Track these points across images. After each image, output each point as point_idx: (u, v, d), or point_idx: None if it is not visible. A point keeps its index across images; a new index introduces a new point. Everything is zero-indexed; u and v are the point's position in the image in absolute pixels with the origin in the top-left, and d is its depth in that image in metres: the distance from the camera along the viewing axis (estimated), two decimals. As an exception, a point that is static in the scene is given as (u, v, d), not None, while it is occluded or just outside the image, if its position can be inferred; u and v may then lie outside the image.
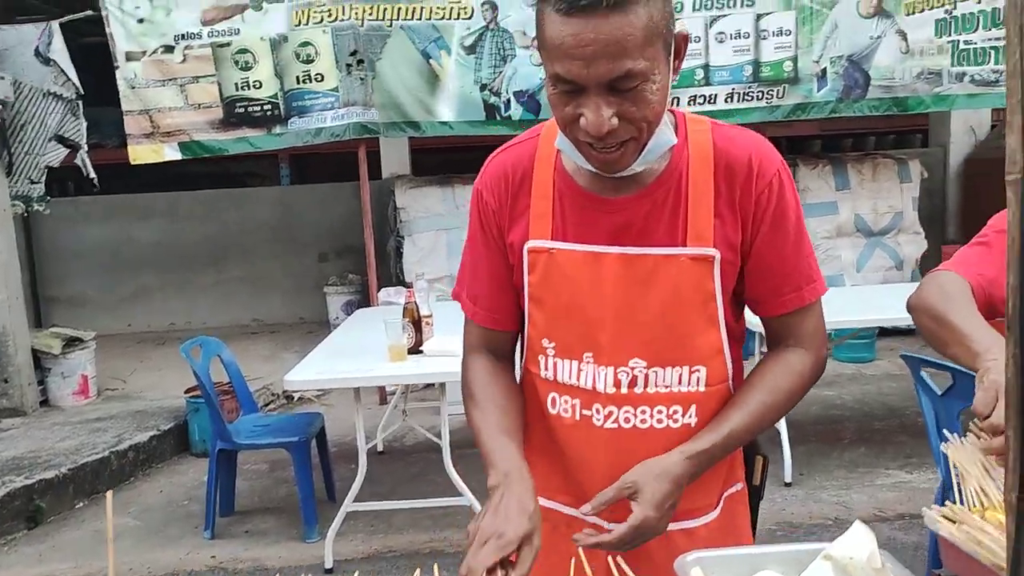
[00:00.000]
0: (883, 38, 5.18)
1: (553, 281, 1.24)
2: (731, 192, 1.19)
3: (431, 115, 5.22)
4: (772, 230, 1.21)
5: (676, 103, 5.27)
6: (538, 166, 1.26)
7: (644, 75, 1.05)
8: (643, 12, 1.03)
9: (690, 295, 1.20)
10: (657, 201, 1.20)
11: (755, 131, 1.27)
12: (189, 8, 5.04)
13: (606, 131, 1.08)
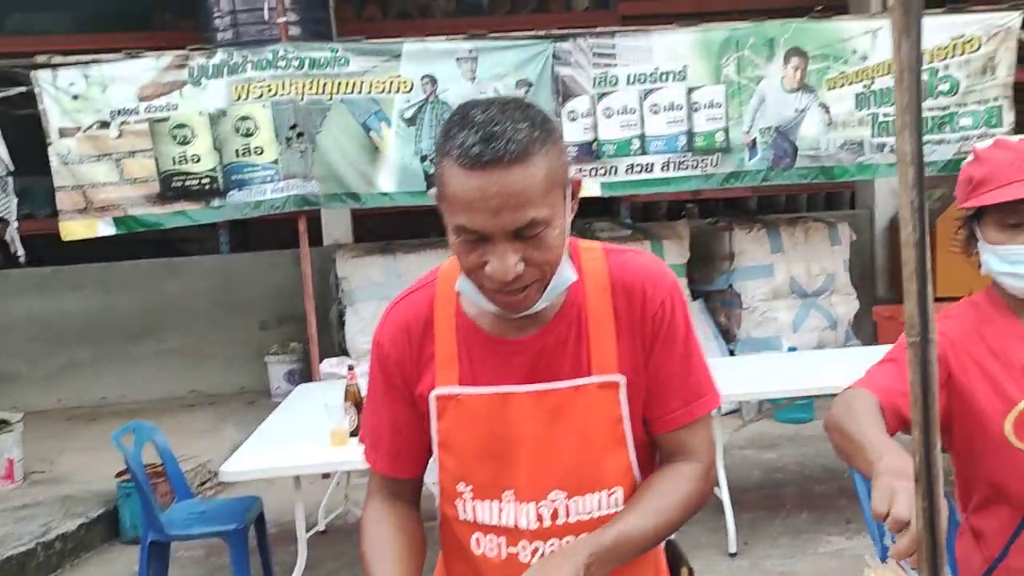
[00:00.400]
0: (807, 111, 5.39)
1: (464, 426, 1.26)
2: (630, 315, 1.24)
3: (371, 186, 5.25)
4: (663, 349, 1.25)
5: (614, 172, 5.39)
6: (438, 312, 1.29)
7: (546, 222, 1.11)
8: (543, 163, 1.09)
9: (600, 422, 1.24)
10: (560, 335, 1.24)
11: (692, 195, 1.35)
12: (126, 84, 5.01)
13: (512, 277, 1.12)
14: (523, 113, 1.12)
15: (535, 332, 1.24)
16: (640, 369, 1.26)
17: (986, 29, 5.39)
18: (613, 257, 1.29)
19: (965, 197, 1.52)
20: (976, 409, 1.52)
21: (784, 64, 5.37)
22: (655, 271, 1.29)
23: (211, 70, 5.05)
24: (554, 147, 1.14)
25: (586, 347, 1.24)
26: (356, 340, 5.75)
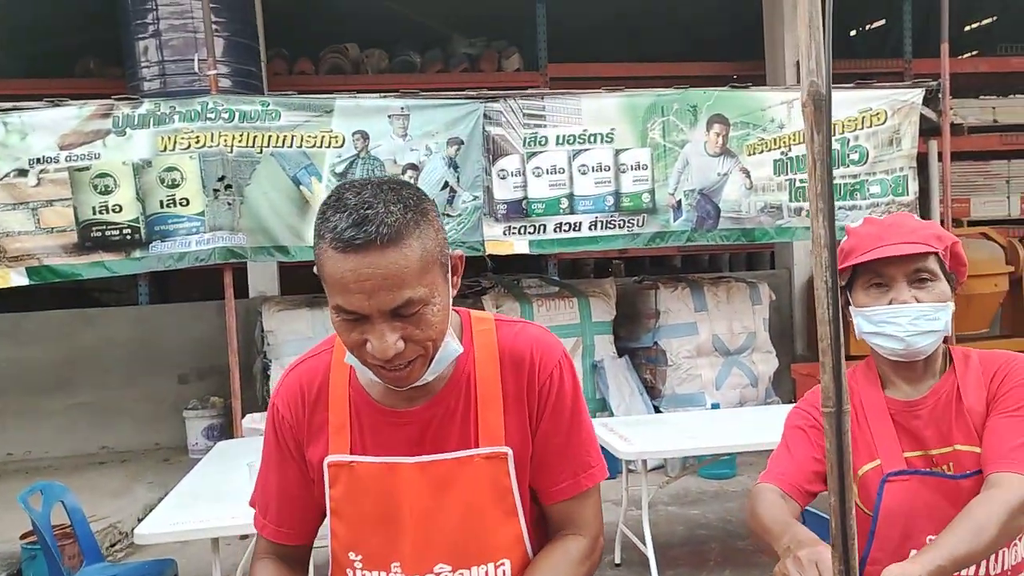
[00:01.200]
0: (729, 175, 5.60)
1: (355, 494, 1.26)
2: (518, 386, 1.27)
3: (300, 239, 5.20)
4: (550, 420, 1.28)
5: (543, 230, 5.48)
6: (333, 379, 1.30)
7: (424, 300, 1.13)
8: (416, 244, 1.12)
9: (487, 493, 1.25)
10: (448, 407, 1.26)
11: (619, 253, 1.39)
12: (46, 133, 4.90)
13: (392, 355, 1.14)
14: (397, 195, 1.14)
15: (424, 403, 1.26)
16: (528, 440, 1.27)
17: (891, 104, 5.72)
18: (504, 329, 1.31)
19: (839, 267, 1.62)
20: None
21: (707, 130, 5.59)
22: (544, 342, 1.31)
23: (137, 120, 4.98)
24: (429, 227, 1.16)
25: (474, 418, 1.26)
26: (280, 395, 5.63)
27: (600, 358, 6.18)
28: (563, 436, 1.29)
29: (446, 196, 5.35)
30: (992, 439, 1.51)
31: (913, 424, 1.57)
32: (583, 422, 1.32)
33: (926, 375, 1.60)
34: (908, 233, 1.55)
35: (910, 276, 1.54)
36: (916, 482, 1.53)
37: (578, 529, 1.31)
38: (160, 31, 6.19)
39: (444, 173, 5.34)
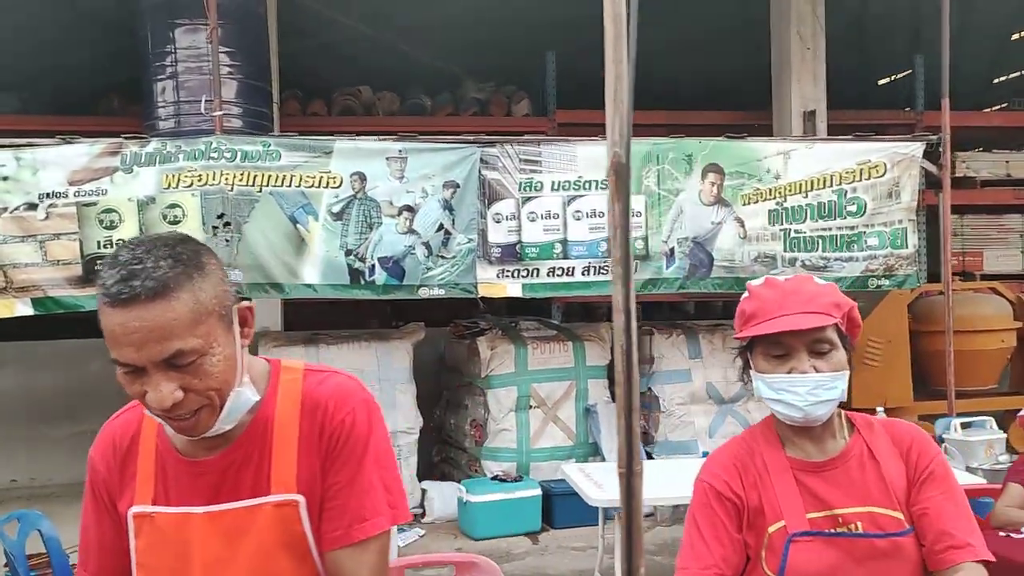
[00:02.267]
0: (723, 224, 5.64)
1: (156, 545, 1.30)
2: (311, 432, 1.29)
3: (296, 277, 5.31)
4: (335, 466, 1.29)
5: (536, 274, 5.54)
6: (144, 432, 1.35)
7: (199, 351, 1.17)
8: (186, 297, 1.16)
9: (279, 541, 1.27)
10: (245, 454, 1.29)
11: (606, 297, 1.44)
12: (58, 168, 5.08)
13: (170, 405, 1.17)
14: (170, 251, 1.20)
15: (222, 452, 1.29)
16: (320, 484, 1.29)
17: (891, 157, 5.74)
18: (310, 377, 1.35)
19: (739, 329, 1.65)
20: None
21: (702, 179, 5.64)
22: (345, 389, 1.33)
23: (144, 158, 5.15)
24: (205, 281, 1.20)
25: (267, 466, 1.29)
26: (273, 430, 5.71)
27: (593, 402, 6.19)
28: (345, 483, 1.29)
29: (441, 238, 5.45)
30: (941, 523, 1.54)
31: (817, 484, 1.59)
32: (373, 472, 1.31)
33: (825, 435, 1.62)
34: (808, 301, 1.57)
35: (809, 346, 1.57)
36: (821, 543, 1.54)
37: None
38: (177, 72, 6.40)
39: (439, 215, 5.44)
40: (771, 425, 1.67)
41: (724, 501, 1.61)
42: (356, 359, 5.98)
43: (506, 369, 6.09)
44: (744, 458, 1.64)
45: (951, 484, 1.59)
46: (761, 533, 1.58)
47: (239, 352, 1.25)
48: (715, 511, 1.61)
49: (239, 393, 1.24)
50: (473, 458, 6.35)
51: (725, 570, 1.57)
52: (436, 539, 5.72)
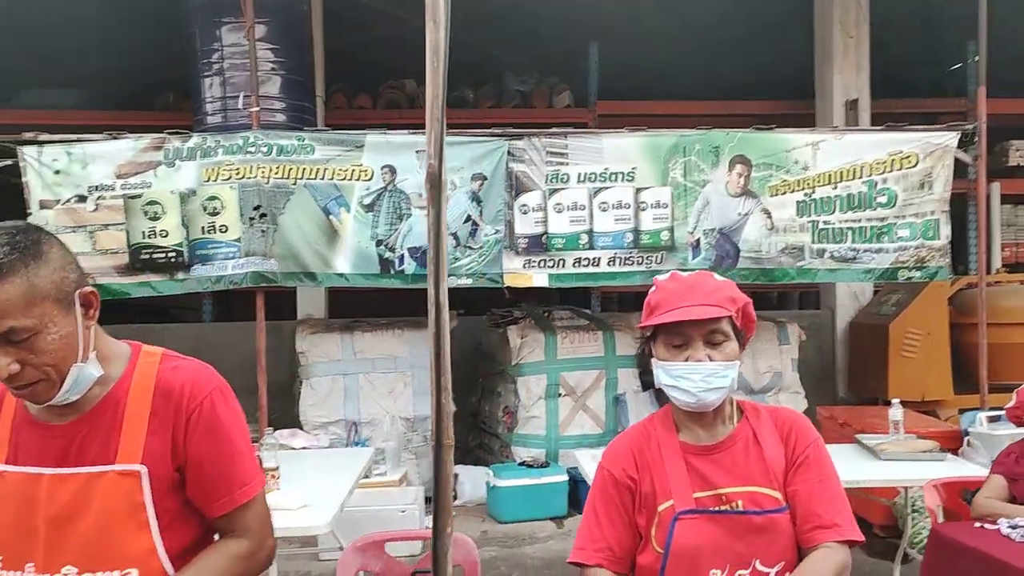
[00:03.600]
0: (750, 215, 5.64)
1: (4, 502, 1.45)
2: (166, 414, 1.44)
3: (328, 267, 5.53)
4: (201, 445, 1.45)
5: (562, 264, 5.63)
6: (7, 398, 1.50)
7: (32, 330, 1.31)
8: (20, 281, 1.31)
9: (119, 506, 1.41)
10: (95, 425, 1.44)
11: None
12: (106, 162, 5.38)
13: (7, 375, 1.33)
14: (10, 239, 1.35)
15: (73, 420, 1.45)
16: (168, 462, 1.45)
17: (923, 147, 5.64)
18: (165, 363, 1.52)
19: (644, 319, 1.75)
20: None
21: (729, 170, 5.65)
22: (199, 375, 1.51)
23: (185, 152, 5.42)
24: (42, 267, 1.35)
25: (116, 438, 1.44)
26: (309, 413, 5.95)
27: (623, 391, 6.25)
28: (215, 458, 1.47)
29: (469, 229, 5.59)
30: (810, 504, 1.66)
31: (705, 466, 1.69)
32: (236, 445, 1.50)
33: (716, 422, 1.72)
34: (707, 295, 1.68)
35: (705, 336, 1.67)
36: (704, 520, 1.64)
37: (242, 533, 1.50)
38: (223, 69, 6.67)
39: (467, 207, 5.58)
40: (669, 412, 1.77)
41: (620, 486, 1.72)
42: (389, 346, 6.18)
43: (536, 357, 6.21)
44: (641, 443, 1.75)
45: (825, 468, 1.67)
46: (652, 512, 1.68)
47: (80, 332, 1.39)
48: (611, 495, 1.72)
49: (81, 369, 1.40)
50: (505, 444, 6.49)
51: (616, 550, 1.69)
52: (465, 521, 5.88)
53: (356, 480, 4.06)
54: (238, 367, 7.57)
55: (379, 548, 2.62)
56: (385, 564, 2.62)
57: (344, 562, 2.55)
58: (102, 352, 1.45)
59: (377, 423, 6.02)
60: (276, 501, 3.37)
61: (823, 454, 1.72)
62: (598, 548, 1.70)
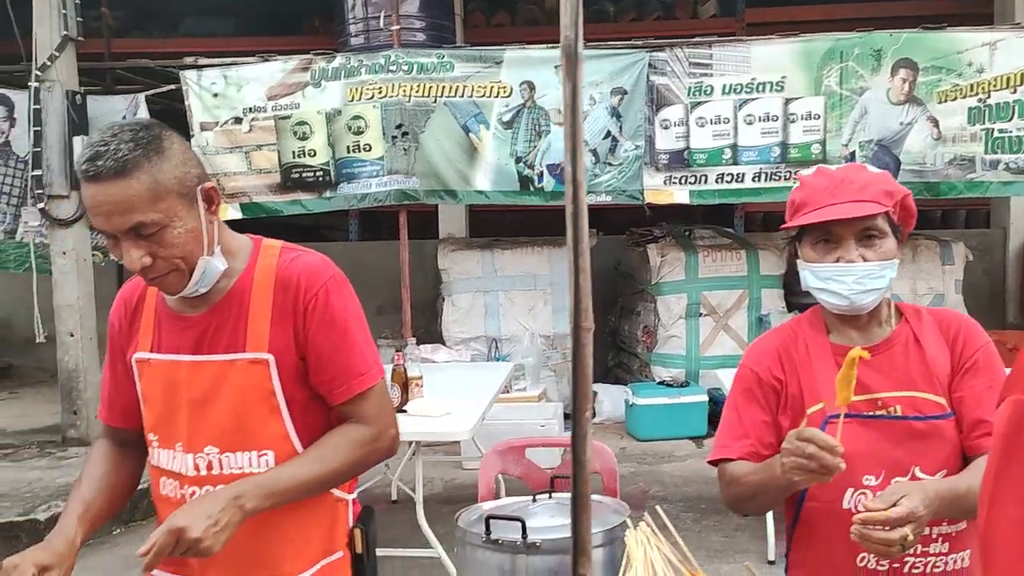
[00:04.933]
0: (914, 124, 5.22)
1: (152, 385, 1.53)
2: (285, 304, 1.47)
3: (468, 184, 5.57)
4: (318, 334, 1.47)
5: (704, 180, 5.44)
6: (149, 291, 1.56)
7: (159, 224, 1.36)
8: (145, 177, 1.34)
9: (252, 392, 1.46)
10: (224, 315, 1.48)
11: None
12: (258, 84, 5.58)
13: (140, 268, 1.38)
14: (133, 135, 1.38)
15: (204, 311, 1.50)
16: (292, 350, 1.48)
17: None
18: (284, 254, 1.53)
19: (788, 219, 1.62)
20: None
21: (891, 76, 5.23)
22: (315, 267, 1.52)
23: (330, 73, 5.54)
24: (165, 163, 1.38)
25: (244, 328, 1.48)
26: (451, 329, 6.10)
27: (767, 312, 6.06)
28: (332, 347, 1.49)
29: (608, 145, 5.47)
30: (978, 411, 1.53)
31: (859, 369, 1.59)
32: (354, 336, 1.51)
33: (871, 323, 1.61)
34: (859, 190, 1.54)
35: (858, 235, 1.55)
36: (858, 424, 1.55)
37: (363, 420, 1.52)
38: (365, -11, 6.74)
39: (607, 122, 5.45)
40: (818, 312, 1.66)
41: (764, 385, 1.64)
42: (530, 264, 6.22)
43: (676, 276, 6.09)
44: (788, 344, 1.66)
45: (995, 374, 1.53)
46: (799, 415, 1.60)
47: (204, 226, 1.44)
48: (754, 394, 1.65)
49: (208, 262, 1.45)
50: (644, 363, 6.45)
51: (759, 448, 1.62)
52: (603, 438, 5.92)
53: (497, 392, 4.15)
54: (383, 284, 7.88)
55: (519, 453, 2.67)
56: (525, 468, 2.68)
57: (486, 464, 2.62)
58: (226, 246, 1.51)
59: (517, 340, 6.11)
60: (420, 408, 3.52)
61: (994, 359, 1.58)
62: (741, 445, 1.64)
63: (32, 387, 7.68)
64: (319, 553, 1.54)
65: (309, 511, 1.52)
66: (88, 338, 5.69)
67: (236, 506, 1.36)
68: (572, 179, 1.10)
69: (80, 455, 5.40)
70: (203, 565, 1.47)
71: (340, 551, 1.57)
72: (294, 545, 1.50)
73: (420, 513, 3.50)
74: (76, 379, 5.62)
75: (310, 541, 1.53)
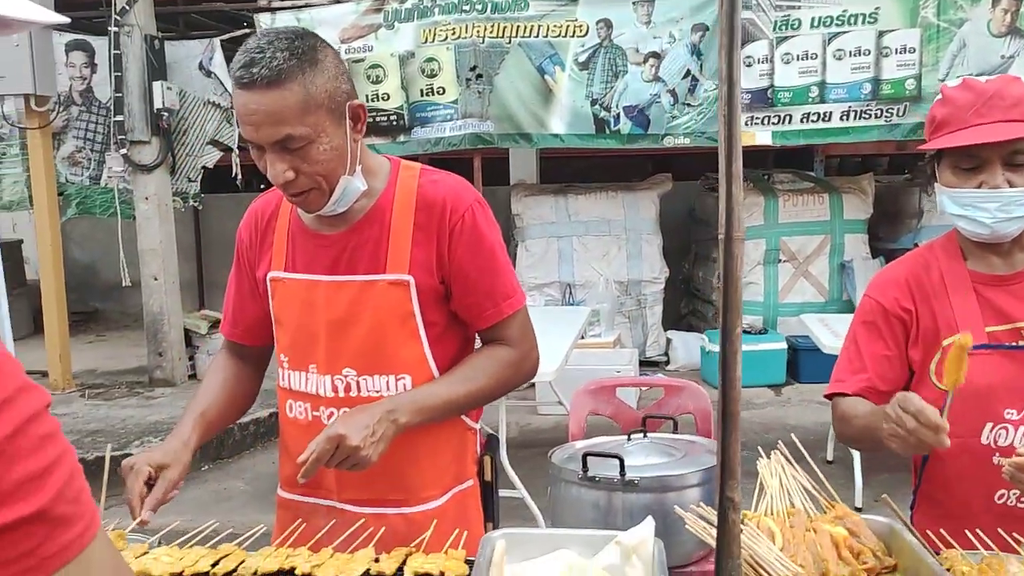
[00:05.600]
0: (1016, 57, 4.93)
1: (286, 305, 1.49)
2: (428, 226, 1.42)
3: (543, 127, 5.47)
4: (464, 258, 1.42)
5: (788, 120, 5.25)
6: (282, 209, 1.52)
7: (307, 138, 1.30)
8: (298, 88, 1.28)
9: (391, 314, 1.42)
10: (363, 236, 1.43)
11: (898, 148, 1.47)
12: (330, 27, 5.53)
13: (283, 182, 1.32)
14: (289, 43, 1.31)
15: (343, 230, 1.45)
16: (433, 273, 1.43)
17: None
18: (425, 176, 1.47)
19: (928, 137, 1.50)
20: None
21: (992, 6, 4.93)
22: (459, 190, 1.46)
23: (403, 14, 5.46)
24: (318, 76, 1.32)
25: (384, 249, 1.43)
26: (524, 275, 6.06)
27: (850, 258, 5.87)
28: (480, 270, 1.44)
29: (687, 85, 5.30)
30: None
31: (1001, 298, 1.49)
32: (499, 260, 1.47)
33: (1014, 249, 1.50)
34: (1010, 108, 1.41)
35: (1005, 158, 1.42)
36: (999, 356, 1.46)
37: (508, 342, 1.49)
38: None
39: (687, 61, 5.27)
40: (953, 238, 1.55)
41: (890, 317, 1.55)
42: (603, 209, 6.12)
43: (754, 221, 5.93)
44: (919, 273, 1.55)
45: None
46: (932, 347, 1.51)
47: (349, 145, 1.38)
48: (878, 327, 1.55)
49: (349, 181, 1.39)
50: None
51: (879, 384, 1.53)
52: (677, 385, 5.87)
53: (576, 336, 4.11)
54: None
55: (610, 393, 2.63)
56: (616, 408, 2.63)
57: (576, 404, 2.58)
58: (366, 166, 1.46)
59: (591, 286, 6.06)
60: (503, 349, 3.49)
61: None
62: (858, 380, 1.56)
63: (117, 331, 7.94)
64: (451, 480, 1.52)
65: (441, 438, 1.50)
66: (171, 282, 5.82)
67: (391, 419, 1.35)
68: (728, 78, 1.03)
69: (167, 395, 5.56)
70: (340, 487, 1.47)
71: (470, 479, 1.56)
72: (427, 471, 1.49)
73: (503, 454, 3.50)
74: (160, 322, 5.77)
75: (442, 468, 1.51)
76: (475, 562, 1.11)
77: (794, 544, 1.13)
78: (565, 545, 1.15)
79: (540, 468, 3.83)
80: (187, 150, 5.89)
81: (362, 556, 1.23)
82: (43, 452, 0.56)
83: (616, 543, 1.09)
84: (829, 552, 1.10)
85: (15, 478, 0.54)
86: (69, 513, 0.57)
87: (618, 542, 1.09)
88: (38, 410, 0.57)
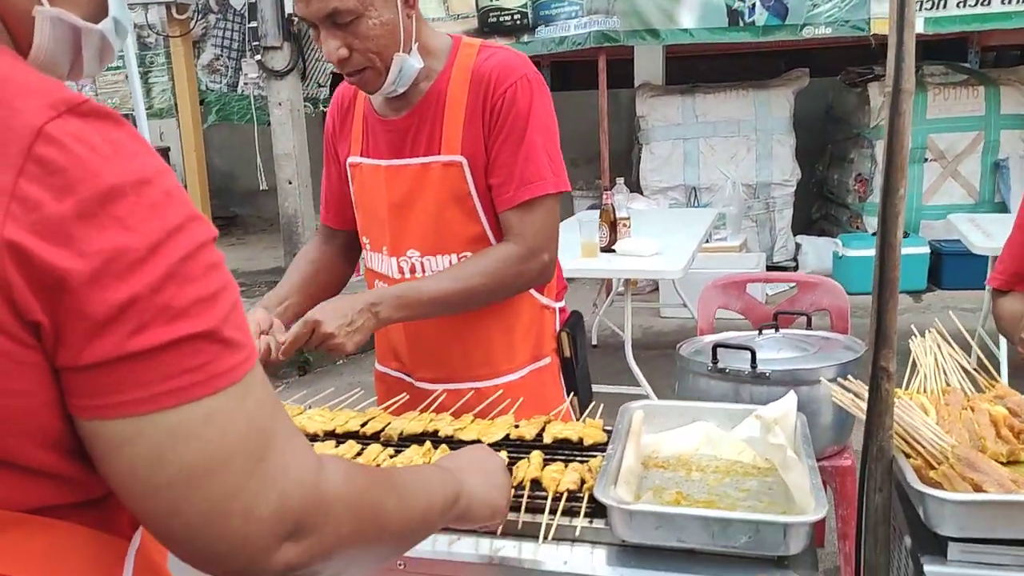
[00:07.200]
0: None
1: (363, 190, 1.51)
2: (475, 102, 1.38)
3: (672, 22, 5.25)
4: (499, 134, 1.38)
5: (943, 5, 4.84)
6: (360, 94, 1.50)
7: (355, 12, 1.27)
8: None
9: (448, 195, 1.41)
10: (423, 117, 1.41)
11: None
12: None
13: (336, 59, 1.31)
14: None
15: (405, 113, 1.44)
16: (484, 151, 1.39)
17: None
18: (483, 52, 1.42)
19: None
20: None
21: None
22: (509, 63, 1.39)
23: (527, -93, 5.30)
24: None
25: (440, 130, 1.41)
26: (648, 178, 5.95)
27: (1005, 156, 5.45)
28: (511, 148, 1.38)
29: (830, -31, 4.95)
30: None
31: None
32: (536, 140, 1.39)
33: None
34: None
35: None
36: None
37: (515, 239, 1.42)
38: None
39: (830, -57, 4.91)
40: None
41: None
42: (733, 109, 5.88)
43: (899, 119, 5.56)
44: None
45: None
46: None
47: (402, 21, 1.34)
48: None
49: (404, 59, 1.36)
50: (855, 214, 6.06)
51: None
52: (807, 291, 5.70)
53: (703, 237, 4.03)
54: (577, 136, 7.76)
55: (741, 288, 2.58)
56: (746, 304, 2.59)
57: (704, 299, 2.55)
58: (425, 45, 1.41)
59: (717, 189, 5.89)
60: (628, 247, 3.47)
61: None
62: (1009, 275, 1.53)
63: (255, 234, 8.35)
64: (527, 358, 1.53)
65: (512, 317, 1.51)
66: (304, 185, 6.03)
67: (371, 312, 1.34)
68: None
69: (303, 294, 5.84)
70: (413, 363, 1.53)
71: (548, 357, 1.56)
72: (498, 350, 1.50)
73: (628, 351, 3.52)
74: (296, 224, 6.01)
75: (515, 346, 1.52)
76: (613, 430, 1.13)
77: (949, 421, 1.09)
78: (703, 417, 1.15)
79: (661, 369, 3.85)
80: (317, 55, 6.00)
81: (502, 422, 1.27)
82: (211, 278, 0.59)
83: (756, 416, 1.08)
84: (987, 430, 1.05)
85: (189, 297, 0.57)
86: (236, 339, 0.59)
87: (758, 416, 1.08)
88: (206, 240, 0.59)
